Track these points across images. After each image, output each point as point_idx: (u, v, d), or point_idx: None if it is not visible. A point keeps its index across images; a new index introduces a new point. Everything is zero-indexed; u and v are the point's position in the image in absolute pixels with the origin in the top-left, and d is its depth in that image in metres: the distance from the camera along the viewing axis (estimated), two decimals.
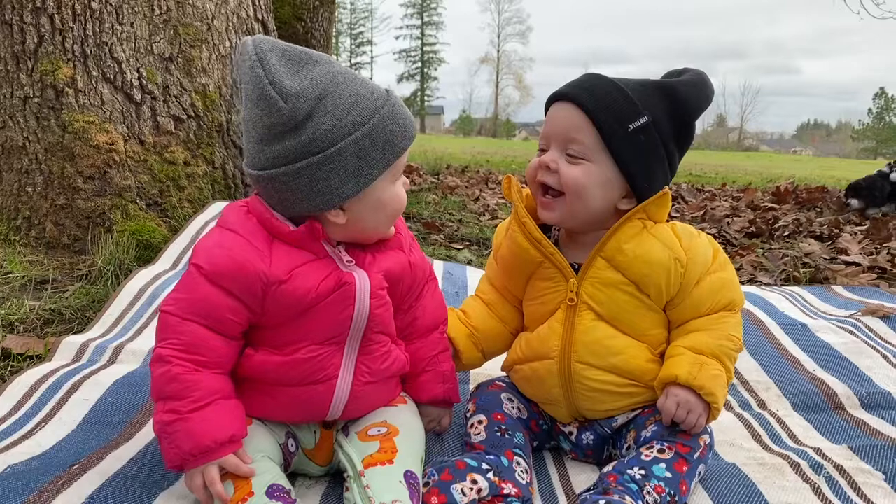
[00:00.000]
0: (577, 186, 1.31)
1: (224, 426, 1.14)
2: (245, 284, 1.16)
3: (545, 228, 1.42)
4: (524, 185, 1.46)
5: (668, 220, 1.40)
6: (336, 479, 1.34)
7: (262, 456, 1.19)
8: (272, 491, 1.13)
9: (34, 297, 2.32)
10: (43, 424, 1.52)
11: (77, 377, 1.69)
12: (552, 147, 1.35)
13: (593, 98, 1.31)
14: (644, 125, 1.31)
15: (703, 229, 4.07)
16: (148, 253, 2.69)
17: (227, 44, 3.22)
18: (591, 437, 1.44)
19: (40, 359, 1.87)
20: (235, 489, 1.12)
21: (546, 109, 1.41)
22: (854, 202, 5.06)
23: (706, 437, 1.33)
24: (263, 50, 1.12)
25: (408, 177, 5.75)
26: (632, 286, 1.34)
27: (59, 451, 1.39)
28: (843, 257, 3.34)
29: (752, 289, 2.74)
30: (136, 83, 2.89)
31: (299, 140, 1.12)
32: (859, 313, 2.34)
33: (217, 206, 2.92)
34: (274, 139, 1.14)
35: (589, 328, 1.35)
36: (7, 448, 1.40)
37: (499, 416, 1.42)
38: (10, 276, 2.46)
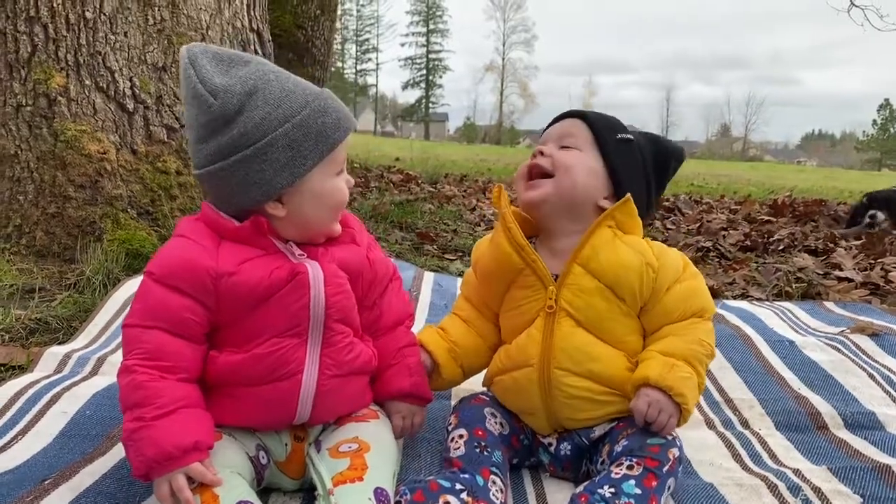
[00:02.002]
0: (568, 164, 1.44)
1: (188, 432, 1.14)
2: (194, 280, 1.19)
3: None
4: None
5: (657, 241, 1.51)
6: (310, 495, 1.33)
7: (230, 472, 1.19)
8: None
9: (21, 305, 2.32)
10: (20, 437, 1.51)
11: (57, 389, 1.69)
12: (549, 144, 1.50)
13: (590, 112, 1.53)
14: (629, 140, 1.49)
15: (697, 242, 4.10)
16: (138, 262, 2.69)
17: None
18: (570, 447, 1.44)
19: (23, 369, 1.87)
20: None
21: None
22: (880, 215, 4.76)
23: (675, 451, 1.32)
24: (195, 54, 1.19)
25: (405, 186, 5.77)
26: (608, 291, 1.38)
27: (33, 466, 1.38)
28: (837, 272, 3.33)
29: (743, 304, 2.73)
30: (128, 92, 2.90)
31: (231, 135, 1.17)
32: (848, 330, 2.33)
33: None
34: (209, 137, 1.19)
35: (568, 334, 1.38)
36: None
37: (480, 432, 1.42)
38: None
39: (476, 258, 1.58)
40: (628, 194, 1.41)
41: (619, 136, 1.48)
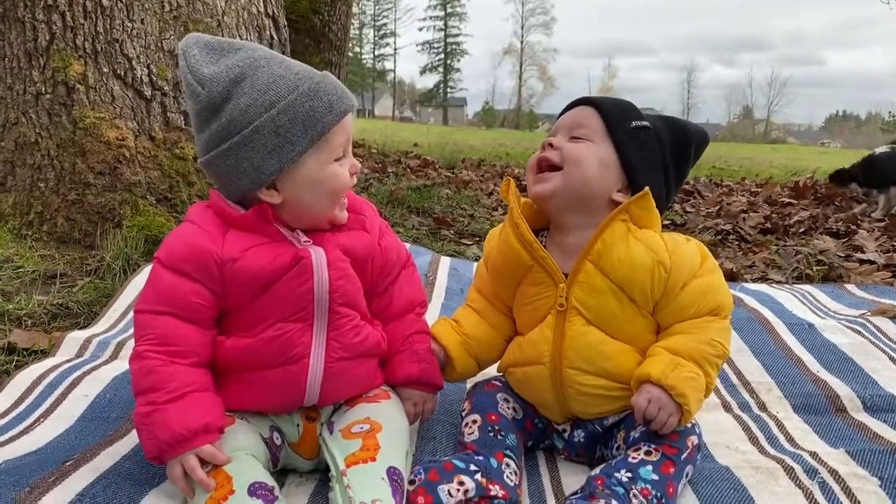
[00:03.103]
0: (577, 156, 1.38)
1: (199, 415, 1.17)
2: (200, 265, 1.21)
3: (536, 234, 1.43)
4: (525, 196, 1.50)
5: (676, 225, 1.44)
6: (325, 476, 1.34)
7: (244, 454, 1.20)
8: (254, 489, 1.13)
9: (43, 291, 2.35)
10: (42, 420, 1.54)
11: (78, 373, 1.72)
12: (559, 135, 1.44)
13: (604, 99, 1.46)
14: (645, 126, 1.42)
15: (717, 225, 4.06)
16: (156, 248, 2.70)
17: (238, 40, 3.23)
18: (583, 434, 1.44)
19: (45, 354, 1.90)
20: (216, 487, 1.13)
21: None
22: (854, 185, 4.83)
23: (694, 438, 1.32)
24: (188, 45, 1.21)
25: (423, 171, 5.76)
26: (619, 290, 1.34)
27: (55, 448, 1.41)
28: (859, 255, 3.29)
29: (763, 287, 2.71)
30: (146, 79, 2.92)
31: (220, 123, 1.18)
32: (869, 313, 2.30)
33: None
34: (203, 126, 1.21)
35: (579, 333, 1.35)
36: (4, 444, 1.42)
37: (493, 417, 1.42)
38: (20, 270, 2.50)
39: (487, 251, 1.55)
40: (647, 188, 1.35)
41: (634, 124, 1.41)
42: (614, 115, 1.41)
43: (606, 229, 1.33)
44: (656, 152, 1.42)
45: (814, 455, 1.46)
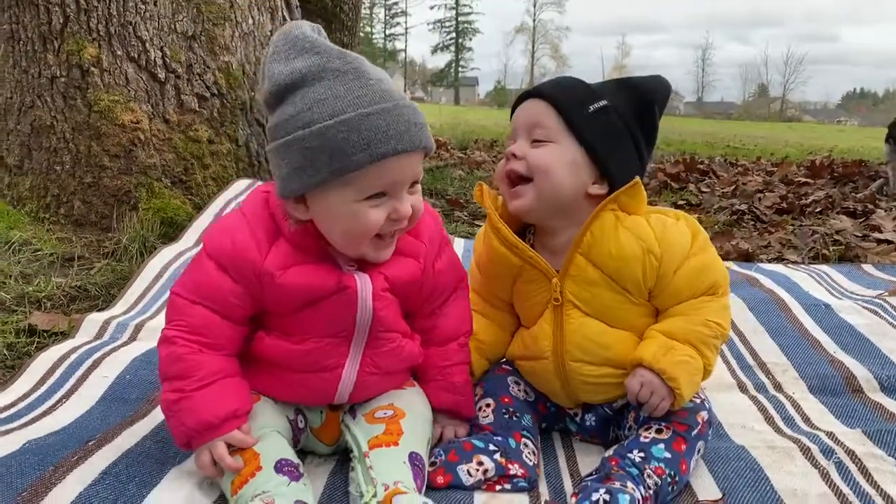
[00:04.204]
0: (544, 166, 1.32)
1: (227, 402, 1.18)
2: (241, 270, 1.19)
3: (520, 234, 1.41)
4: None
5: (691, 205, 1.39)
6: (344, 457, 1.35)
7: (270, 430, 1.22)
8: (280, 465, 1.15)
9: (61, 273, 2.38)
10: (63, 401, 1.56)
11: (98, 354, 1.74)
12: (518, 139, 1.37)
13: (553, 88, 1.38)
14: (603, 107, 1.35)
15: (732, 205, 4.03)
16: (172, 230, 2.74)
17: (250, 21, 3.23)
18: (594, 418, 1.45)
19: (65, 335, 1.92)
20: (244, 463, 1.15)
21: (511, 116, 1.43)
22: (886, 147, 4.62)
23: (704, 414, 1.32)
24: (279, 35, 1.16)
25: (435, 152, 5.73)
26: (612, 281, 1.33)
27: (77, 428, 1.43)
28: (876, 235, 3.26)
29: (778, 267, 2.70)
30: (159, 62, 2.92)
31: (272, 122, 1.15)
32: (886, 293, 2.28)
33: (241, 184, 2.95)
34: (268, 117, 1.18)
35: (578, 326, 1.35)
36: (28, 423, 1.45)
37: (506, 399, 1.43)
38: (39, 253, 2.52)
39: (477, 254, 1.52)
40: (637, 179, 1.32)
41: (591, 108, 1.34)
42: (569, 106, 1.33)
43: (595, 221, 1.31)
44: (621, 128, 1.36)
45: (830, 435, 1.46)
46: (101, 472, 1.24)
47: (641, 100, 1.38)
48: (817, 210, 3.97)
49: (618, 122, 1.35)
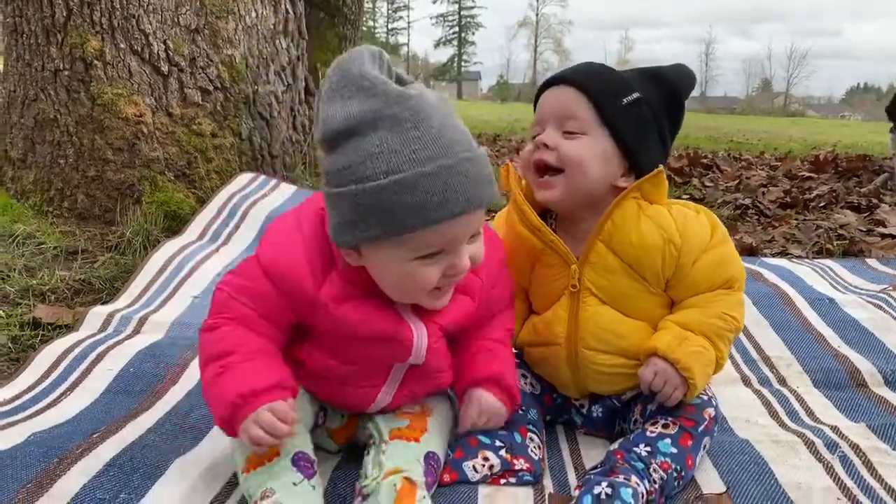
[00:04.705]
0: (578, 159, 1.30)
1: (274, 372, 1.12)
2: (292, 294, 1.14)
3: (542, 218, 1.40)
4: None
5: (694, 199, 1.39)
6: (350, 454, 1.36)
7: (298, 424, 1.18)
8: (297, 458, 1.14)
9: (65, 267, 2.38)
10: (68, 393, 1.57)
11: (102, 347, 1.74)
12: (548, 127, 1.34)
13: (587, 77, 1.34)
14: (636, 99, 1.33)
15: (736, 199, 4.03)
16: (176, 224, 2.74)
17: (254, 14, 3.22)
18: (601, 409, 1.44)
19: (69, 328, 1.92)
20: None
21: (535, 99, 1.40)
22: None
23: (711, 411, 1.32)
24: (336, 66, 1.05)
25: None
26: (631, 270, 1.33)
27: (81, 420, 1.44)
28: (880, 229, 3.25)
29: (782, 261, 2.69)
30: (163, 55, 2.92)
31: (325, 165, 1.06)
32: (890, 287, 2.28)
33: (244, 178, 2.95)
34: (323, 156, 1.09)
35: (593, 314, 1.34)
36: (32, 416, 1.46)
37: None
38: (43, 246, 2.53)
39: None
40: (661, 167, 1.32)
41: (625, 101, 1.32)
42: (604, 98, 1.31)
43: (617, 209, 1.31)
44: (650, 121, 1.35)
45: (834, 429, 1.46)
46: (105, 464, 1.24)
47: (670, 92, 1.37)
48: (821, 205, 3.96)
49: (648, 115, 1.34)
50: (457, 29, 68.32)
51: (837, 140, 10.61)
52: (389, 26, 71.41)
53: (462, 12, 67.88)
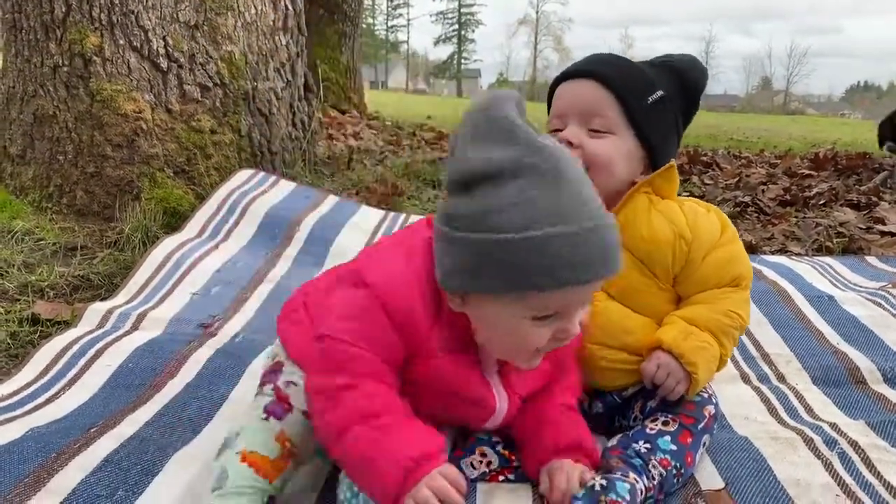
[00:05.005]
0: (605, 159, 1.30)
1: (433, 435, 1.04)
2: (408, 332, 1.06)
3: None
4: None
5: (694, 196, 1.39)
6: None
7: None
8: None
9: (64, 263, 2.38)
10: (66, 389, 1.57)
11: (100, 344, 1.74)
12: (571, 123, 1.32)
13: (613, 73, 1.32)
14: (660, 98, 1.33)
15: (735, 197, 4.02)
16: (175, 220, 2.74)
17: (253, 11, 3.21)
18: (602, 406, 1.44)
19: (68, 324, 1.92)
20: None
21: (552, 89, 1.39)
22: (890, 144, 4.60)
23: (711, 408, 1.32)
24: (478, 108, 1.00)
25: (437, 143, 5.73)
26: (641, 265, 1.33)
27: (80, 415, 1.43)
28: (880, 227, 3.25)
29: (782, 259, 2.68)
30: (162, 51, 2.91)
31: (449, 204, 1.00)
32: (890, 285, 2.28)
33: (243, 174, 2.95)
34: (447, 190, 1.03)
35: (602, 309, 1.34)
36: (30, 411, 1.45)
37: None
38: (42, 242, 2.53)
39: None
40: (672, 162, 1.33)
41: (651, 99, 1.31)
42: (632, 97, 1.30)
43: (629, 203, 1.32)
44: (671, 119, 1.36)
45: (833, 426, 1.46)
46: (102, 460, 1.24)
47: (688, 87, 1.37)
48: (821, 202, 3.95)
49: (670, 113, 1.35)
50: (456, 26, 68.25)
51: (837, 138, 10.59)
52: (389, 23, 71.35)
53: (462, 9, 67.80)
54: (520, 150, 0.95)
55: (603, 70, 1.32)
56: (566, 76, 1.37)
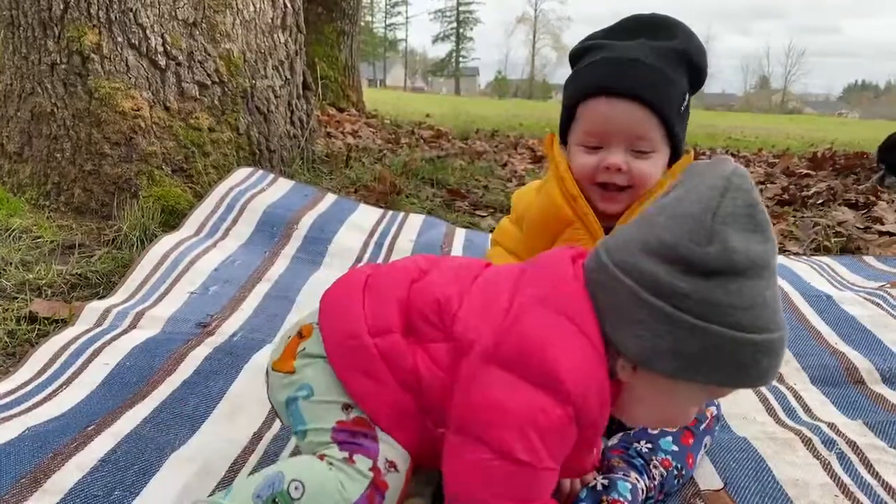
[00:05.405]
0: (647, 177, 1.35)
1: None
2: (587, 420, 0.95)
3: None
4: None
5: None
6: None
7: None
8: None
9: (62, 261, 2.37)
10: (64, 387, 1.56)
11: (98, 343, 1.73)
12: (615, 146, 1.34)
13: (656, 95, 1.31)
14: (686, 104, 1.37)
15: None
16: (173, 218, 2.73)
17: (252, 8, 3.20)
18: None
19: (65, 323, 1.91)
20: None
21: (580, 96, 1.37)
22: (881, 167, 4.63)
23: (712, 409, 1.32)
24: (734, 185, 0.89)
25: (436, 142, 5.73)
26: None
27: (77, 413, 1.43)
28: (878, 227, 3.25)
29: (780, 259, 2.69)
30: (160, 49, 2.90)
31: (678, 280, 0.88)
32: (888, 285, 2.28)
33: (242, 172, 2.94)
34: (660, 257, 0.89)
35: None
36: (28, 410, 1.45)
37: None
38: (39, 240, 2.52)
39: (521, 209, 1.53)
40: (692, 151, 1.37)
41: (682, 107, 1.34)
42: (671, 115, 1.32)
43: (654, 194, 1.34)
44: (688, 115, 1.39)
45: (831, 426, 1.46)
46: (99, 460, 1.24)
47: (699, 81, 1.38)
48: (819, 202, 3.95)
49: (688, 110, 1.38)
50: (455, 24, 68.21)
51: (835, 137, 10.59)
52: (387, 21, 71.28)
53: (460, 7, 67.76)
54: (770, 246, 0.90)
55: (645, 92, 1.31)
56: (605, 91, 1.34)
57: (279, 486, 0.97)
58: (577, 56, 1.43)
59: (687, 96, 1.36)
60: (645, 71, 1.32)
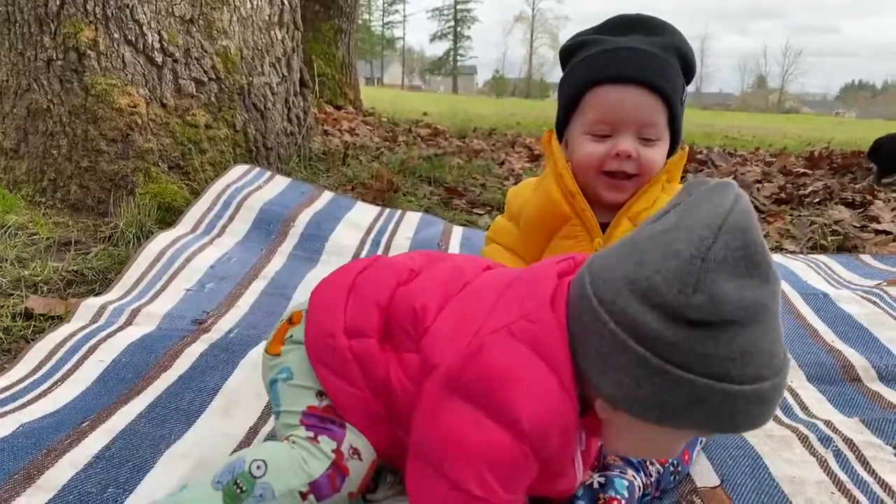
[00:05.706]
0: (654, 165, 1.36)
1: None
2: (543, 454, 0.91)
3: None
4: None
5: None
6: None
7: None
8: None
9: (58, 258, 2.36)
10: (59, 384, 1.55)
11: (94, 340, 1.73)
12: (624, 133, 1.35)
13: (664, 79, 1.33)
14: (685, 96, 1.39)
15: None
16: (170, 215, 2.72)
17: (249, 5, 3.20)
18: None
19: (61, 319, 1.91)
20: None
21: (586, 84, 1.37)
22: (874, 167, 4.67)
23: None
24: (732, 223, 0.79)
25: (433, 140, 5.72)
26: None
27: (72, 409, 1.42)
28: (874, 225, 3.26)
29: (777, 257, 2.69)
30: (157, 46, 2.90)
31: (668, 329, 0.80)
32: (885, 283, 2.28)
33: (238, 170, 2.93)
34: (647, 301, 0.81)
35: None
36: (23, 406, 1.44)
37: None
38: (35, 237, 2.51)
39: (518, 205, 1.53)
40: (687, 148, 1.38)
41: (683, 97, 1.38)
42: (675, 102, 1.35)
43: (650, 188, 1.36)
44: (684, 107, 1.41)
45: (828, 424, 1.46)
46: (93, 456, 1.23)
47: (688, 73, 1.39)
48: (816, 200, 3.96)
49: (685, 103, 1.40)
50: (452, 23, 68.19)
51: (832, 137, 10.60)
52: (385, 20, 71.24)
53: (458, 6, 67.73)
54: (769, 290, 0.81)
55: (657, 80, 1.32)
56: (614, 78, 1.34)
57: (240, 469, 0.99)
58: (569, 52, 1.43)
59: (686, 90, 1.38)
60: (650, 59, 1.34)
